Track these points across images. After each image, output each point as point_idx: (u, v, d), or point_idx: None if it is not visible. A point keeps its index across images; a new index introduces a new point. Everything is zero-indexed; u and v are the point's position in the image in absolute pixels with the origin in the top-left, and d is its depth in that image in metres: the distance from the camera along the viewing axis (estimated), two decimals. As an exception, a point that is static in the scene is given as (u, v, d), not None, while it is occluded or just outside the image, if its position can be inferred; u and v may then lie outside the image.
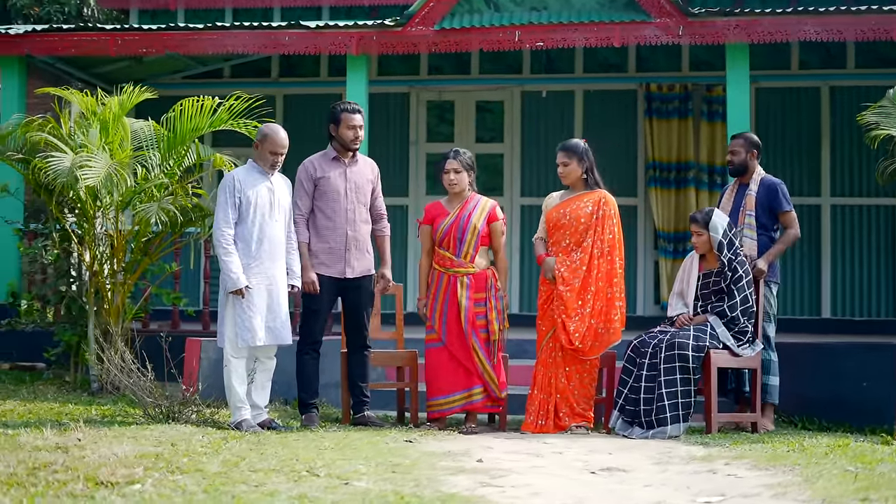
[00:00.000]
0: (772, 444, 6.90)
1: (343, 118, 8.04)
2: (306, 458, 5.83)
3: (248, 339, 7.49)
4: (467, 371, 7.98)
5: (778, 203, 8.47)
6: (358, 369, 8.17)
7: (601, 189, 8.13)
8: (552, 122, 12.87)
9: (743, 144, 8.57)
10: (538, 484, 5.31)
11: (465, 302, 7.97)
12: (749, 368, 8.08)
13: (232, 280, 7.44)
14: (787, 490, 5.13)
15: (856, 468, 5.72)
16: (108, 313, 9.17)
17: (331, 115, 8.11)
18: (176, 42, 10.77)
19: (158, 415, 7.62)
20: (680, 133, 12.59)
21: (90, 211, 9.04)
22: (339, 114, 8.08)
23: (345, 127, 8.03)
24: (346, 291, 8.10)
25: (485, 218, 8.10)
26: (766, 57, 12.40)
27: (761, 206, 8.41)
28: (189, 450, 6.04)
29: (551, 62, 12.95)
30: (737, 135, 8.76)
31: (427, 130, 13.21)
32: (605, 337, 7.93)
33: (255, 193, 7.57)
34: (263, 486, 4.87)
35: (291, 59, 13.21)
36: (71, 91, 9.23)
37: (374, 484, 5.08)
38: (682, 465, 6.12)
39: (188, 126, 9.05)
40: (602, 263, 7.96)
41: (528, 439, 7.43)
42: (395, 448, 6.52)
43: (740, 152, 8.55)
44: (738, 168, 8.56)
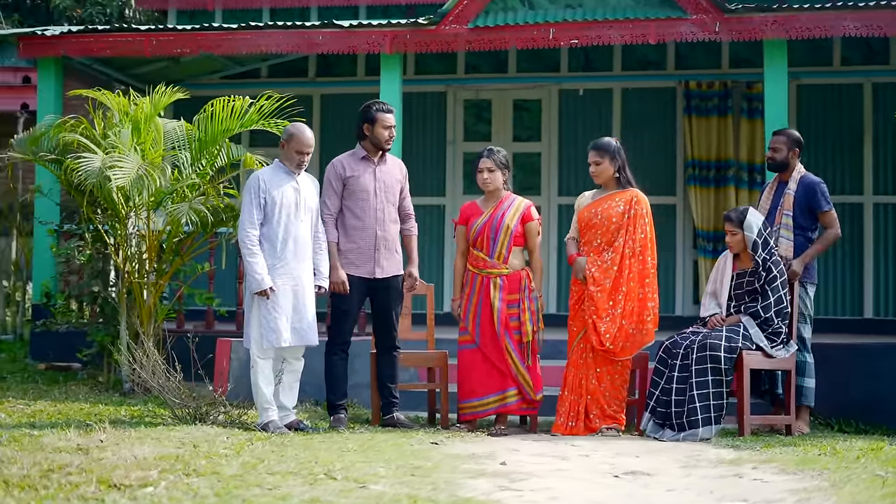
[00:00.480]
0: (803, 448, 6.77)
1: (378, 118, 7.97)
2: (326, 460, 5.78)
3: (273, 340, 7.45)
4: (501, 373, 7.90)
5: (817, 203, 8.32)
6: (387, 370, 8.11)
7: (633, 188, 8.02)
8: (590, 121, 12.75)
9: (785, 142, 8.43)
10: (558, 488, 5.23)
11: (497, 303, 7.89)
12: (783, 370, 7.94)
13: (256, 281, 7.41)
14: (812, 496, 5.02)
15: (886, 473, 5.59)
16: (140, 314, 9.19)
17: (364, 115, 8.04)
18: (210, 42, 10.76)
19: (186, 416, 7.61)
20: (719, 131, 12.41)
21: (122, 211, 9.05)
22: (374, 113, 8.01)
23: (380, 127, 7.97)
24: (376, 292, 8.05)
25: (518, 218, 8.00)
26: (807, 53, 12.23)
27: (799, 205, 8.26)
28: (210, 452, 6.01)
29: (589, 60, 12.83)
30: (778, 131, 8.62)
31: (464, 129, 13.12)
32: (638, 338, 7.83)
33: (280, 193, 7.53)
34: (277, 490, 4.83)
35: (328, 59, 13.19)
36: (103, 92, 9.24)
37: (391, 487, 5.03)
38: (709, 468, 6.02)
39: (219, 126, 9.05)
40: (634, 263, 7.86)
41: (555, 442, 7.35)
42: (418, 450, 6.46)
43: (782, 149, 8.42)
44: (779, 165, 8.43)
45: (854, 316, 12.19)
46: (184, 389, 7.71)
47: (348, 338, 8.00)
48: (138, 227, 9.19)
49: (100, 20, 16.67)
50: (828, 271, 12.22)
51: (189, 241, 9.48)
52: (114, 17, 16.60)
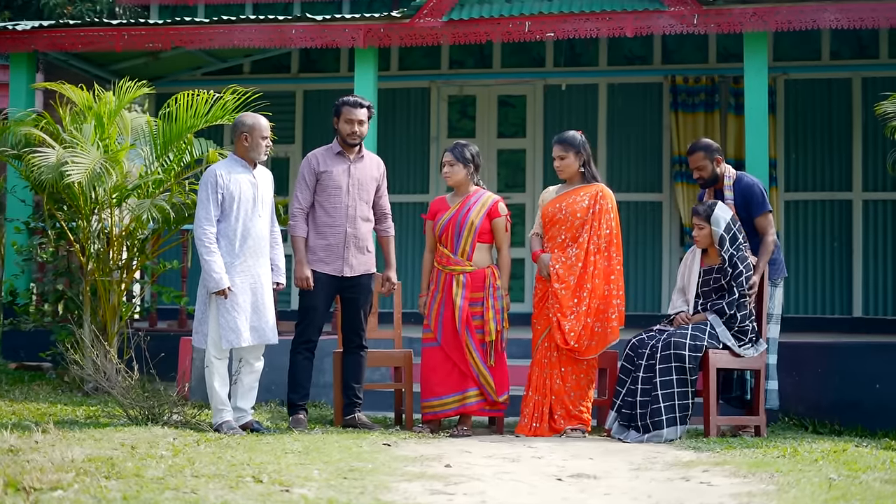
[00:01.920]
0: (763, 450, 6.57)
1: (343, 111, 7.79)
2: (261, 462, 5.61)
3: (232, 340, 7.25)
4: (462, 373, 7.69)
5: (755, 207, 7.87)
6: (352, 370, 7.92)
7: (598, 182, 7.83)
8: (576, 117, 12.53)
9: (704, 156, 7.93)
10: (490, 492, 5.04)
11: (459, 301, 7.69)
12: (751, 370, 7.73)
13: (214, 280, 7.20)
14: (753, 500, 4.83)
15: (839, 476, 5.40)
16: (104, 313, 9.03)
17: (334, 109, 7.88)
18: (182, 37, 10.59)
19: (140, 416, 7.46)
20: (707, 127, 12.19)
21: (84, 208, 8.90)
22: (339, 107, 7.84)
23: (343, 120, 7.79)
24: (344, 290, 7.86)
25: (484, 214, 7.78)
26: (795, 48, 12.05)
27: (740, 214, 7.82)
28: (147, 453, 5.84)
29: (575, 55, 12.62)
30: (692, 148, 8.07)
31: (448, 126, 12.92)
32: (603, 336, 7.64)
33: (238, 188, 7.33)
34: (193, 494, 4.65)
35: (311, 55, 13.03)
36: (67, 86, 9.09)
37: (317, 491, 4.85)
38: (660, 471, 5.82)
39: (183, 121, 8.88)
40: (599, 259, 7.67)
41: (514, 443, 7.16)
42: (365, 452, 6.28)
43: (706, 166, 7.92)
44: (711, 180, 7.99)
45: (843, 315, 11.95)
46: (137, 389, 7.55)
47: (314, 336, 7.81)
48: (102, 224, 9.03)
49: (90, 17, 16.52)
50: (816, 270, 12.01)
51: (154, 238, 9.32)
52: (103, 14, 16.45)
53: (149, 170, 9.08)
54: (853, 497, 4.81)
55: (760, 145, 9.79)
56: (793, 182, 12.19)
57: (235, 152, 7.48)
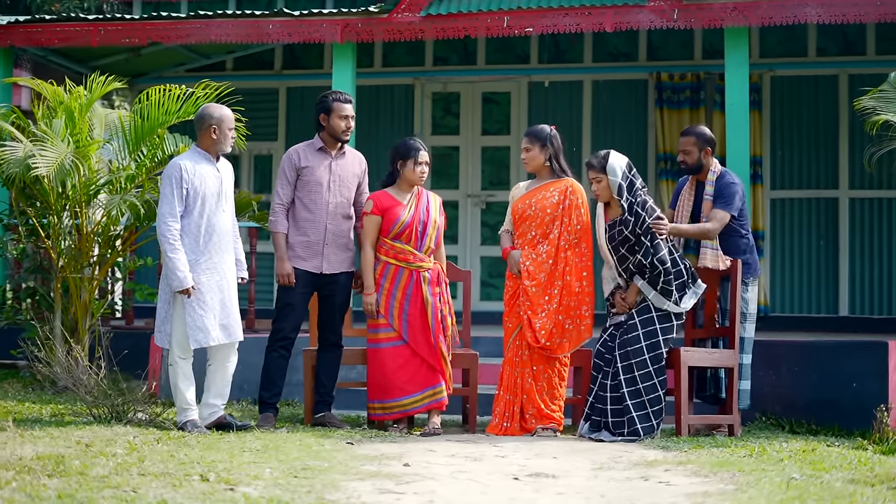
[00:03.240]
0: (731, 449, 6.46)
1: (335, 107, 7.70)
2: (213, 461, 5.51)
3: (201, 339, 7.09)
4: (430, 369, 7.60)
5: (721, 200, 7.70)
6: (326, 368, 7.82)
7: (568, 177, 7.72)
8: (560, 114, 12.40)
9: (695, 142, 7.83)
10: (441, 491, 4.94)
11: (430, 298, 7.60)
12: (724, 367, 7.61)
13: (178, 279, 7.02)
14: (707, 499, 4.72)
15: (801, 476, 5.29)
16: (75, 310, 8.94)
17: (321, 105, 7.76)
18: (159, 32, 10.47)
19: (105, 414, 7.36)
20: (692, 124, 12.05)
21: (55, 204, 8.81)
22: (330, 103, 7.73)
23: (336, 117, 7.69)
24: (322, 287, 7.75)
25: (439, 212, 7.81)
26: (781, 44, 11.92)
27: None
28: (101, 451, 5.75)
29: (560, 52, 12.51)
30: (687, 130, 8.01)
31: (432, 123, 12.81)
32: (575, 334, 7.52)
33: (202, 183, 7.17)
34: (133, 492, 4.55)
35: (295, 51, 12.93)
36: (36, 80, 9.00)
37: (263, 490, 4.75)
38: (622, 470, 5.72)
39: (156, 117, 8.79)
40: (571, 256, 7.55)
41: (481, 442, 7.04)
42: (324, 451, 6.18)
43: (692, 151, 7.82)
44: (692, 168, 7.84)
45: (829, 314, 11.83)
46: (102, 387, 7.45)
47: (290, 334, 7.69)
48: (73, 221, 8.94)
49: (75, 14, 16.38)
50: (802, 268, 11.88)
51: (127, 234, 9.22)
52: (90, 11, 16.33)
53: (121, 165, 8.98)
54: (810, 497, 4.70)
55: (741, 141, 9.65)
56: (779, 180, 12.06)
57: (199, 145, 7.32)
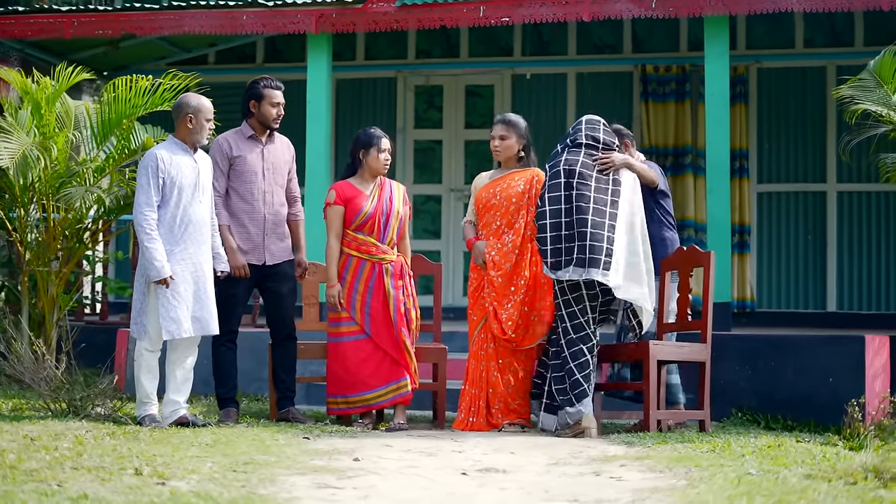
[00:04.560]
0: (695, 444, 6.30)
1: (266, 94, 7.58)
2: (155, 455, 5.37)
3: (173, 330, 6.95)
4: (393, 362, 7.43)
5: None
6: (283, 361, 7.67)
7: (534, 167, 7.58)
8: (544, 107, 12.27)
9: None
10: (381, 486, 4.79)
11: (393, 291, 7.44)
12: (696, 361, 7.44)
13: (156, 268, 6.88)
14: (653, 495, 4.56)
15: (758, 471, 5.13)
16: (42, 304, 8.80)
17: (251, 91, 7.65)
18: (132, 23, 10.33)
19: (62, 409, 7.24)
20: (677, 116, 11.90)
21: (21, 196, 8.67)
22: (261, 90, 7.61)
23: (267, 104, 7.57)
24: (265, 279, 7.61)
25: (403, 202, 7.66)
26: (768, 35, 11.75)
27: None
28: (44, 445, 5.61)
29: (543, 44, 12.35)
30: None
31: (415, 116, 12.66)
32: (539, 327, 7.36)
33: (179, 173, 7.03)
34: (57, 486, 4.40)
35: (277, 44, 12.79)
36: (3, 68, 8.87)
37: (196, 484, 4.61)
38: (576, 466, 5.56)
39: (124, 107, 8.65)
40: (536, 246, 7.39)
41: (442, 437, 6.88)
42: (275, 445, 6.03)
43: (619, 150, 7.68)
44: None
45: (817, 309, 11.65)
46: (57, 382, 7.32)
47: (235, 327, 7.56)
48: (39, 213, 8.81)
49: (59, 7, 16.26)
50: (789, 263, 11.71)
51: (96, 227, 9.08)
52: (76, 3, 16.21)
53: (88, 157, 8.85)
54: (760, 492, 4.54)
55: (721, 133, 9.45)
56: (766, 173, 11.88)
57: (176, 135, 7.20)
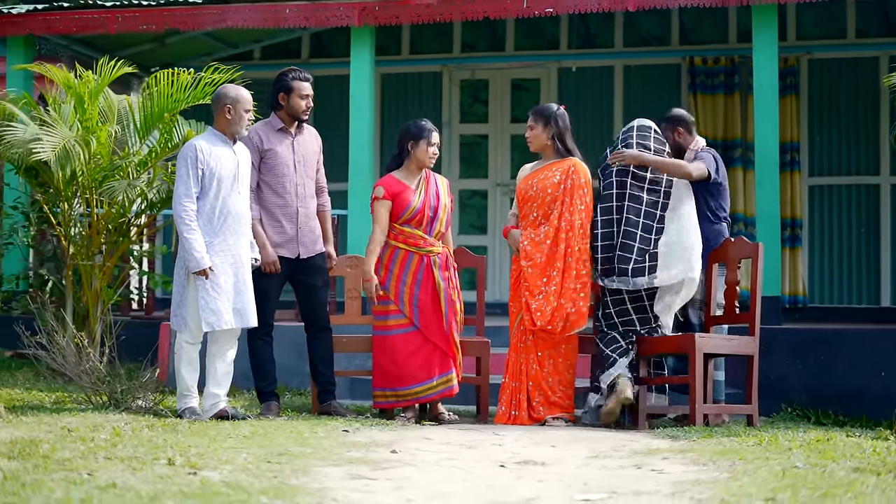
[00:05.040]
0: (741, 439, 6.15)
1: (296, 87, 7.50)
2: (190, 446, 5.31)
3: (213, 322, 6.89)
4: (443, 355, 7.36)
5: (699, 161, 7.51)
6: (319, 354, 7.61)
7: (573, 157, 7.45)
8: (591, 100, 12.13)
9: (666, 127, 7.68)
10: (416, 478, 4.70)
11: (442, 283, 7.37)
12: (744, 355, 7.28)
13: (196, 260, 6.84)
14: (693, 487, 4.44)
15: (805, 464, 4.98)
16: (86, 298, 8.80)
17: (280, 84, 7.56)
18: (176, 18, 10.34)
19: (103, 401, 7.23)
20: (726, 109, 11.72)
21: (65, 190, 8.67)
22: (290, 82, 7.53)
23: (297, 96, 7.50)
24: (299, 272, 7.54)
25: (448, 195, 7.59)
26: (818, 25, 11.54)
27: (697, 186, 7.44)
28: (81, 436, 5.58)
29: (590, 37, 12.22)
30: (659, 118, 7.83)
31: (460, 110, 12.57)
32: (576, 318, 7.22)
33: (218, 164, 6.99)
34: (87, 475, 4.36)
35: (322, 39, 12.75)
36: (46, 65, 8.88)
37: (228, 474, 4.54)
38: (617, 459, 5.45)
39: (165, 101, 8.63)
40: (573, 238, 7.27)
41: (484, 431, 6.79)
42: (313, 438, 5.96)
43: (668, 137, 7.63)
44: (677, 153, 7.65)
45: (871, 304, 11.41)
46: (99, 374, 7.31)
47: (271, 321, 7.48)
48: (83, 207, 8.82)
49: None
50: (842, 257, 11.50)
51: (138, 221, 9.07)
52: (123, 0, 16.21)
53: (131, 151, 8.84)
54: (806, 484, 4.40)
55: (770, 125, 9.26)
56: (817, 166, 11.68)
57: (215, 126, 7.16)
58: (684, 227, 7.15)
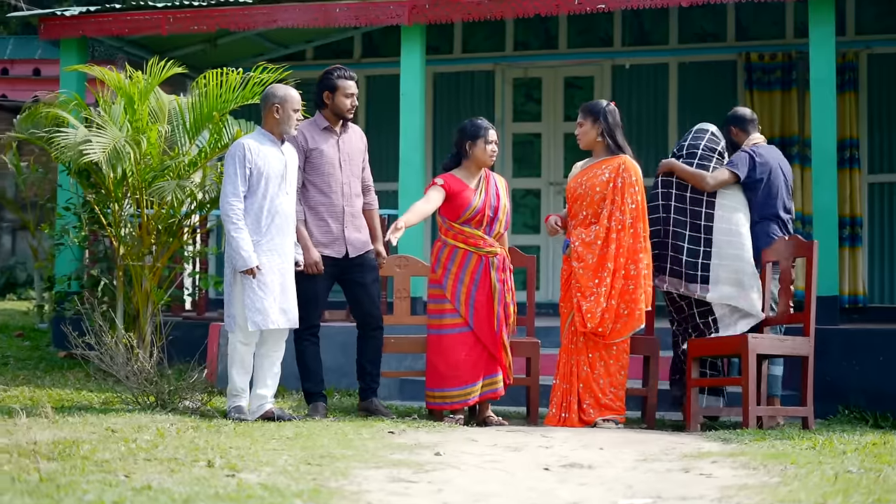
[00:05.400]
0: (795, 442, 6.00)
1: (340, 85, 7.42)
2: (231, 448, 5.27)
3: (259, 321, 6.86)
4: (490, 357, 7.27)
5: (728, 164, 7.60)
6: (368, 353, 7.54)
7: (623, 154, 7.32)
8: (645, 98, 11.98)
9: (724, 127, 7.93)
10: (458, 481, 4.62)
11: (499, 286, 7.27)
12: (798, 356, 7.12)
13: (243, 258, 6.83)
14: (742, 492, 4.32)
15: (859, 469, 4.84)
16: (137, 299, 8.81)
17: (325, 82, 7.48)
18: (227, 18, 10.33)
19: (151, 402, 7.22)
20: (783, 106, 11.50)
21: (115, 191, 8.69)
22: (335, 81, 7.45)
23: (342, 95, 7.42)
24: (347, 271, 7.47)
25: (508, 196, 7.47)
26: (879, 20, 11.30)
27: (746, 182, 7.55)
28: (123, 437, 5.56)
29: (644, 34, 12.05)
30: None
31: (513, 109, 12.46)
32: (629, 320, 7.11)
33: (266, 164, 6.97)
34: (124, 477, 4.32)
35: (374, 39, 12.71)
36: (96, 67, 8.90)
37: (266, 476, 4.49)
38: (667, 462, 5.32)
39: (215, 101, 8.61)
40: (623, 237, 7.15)
41: (533, 433, 6.68)
42: (357, 439, 5.89)
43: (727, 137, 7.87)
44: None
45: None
46: (146, 375, 7.29)
47: (317, 321, 7.42)
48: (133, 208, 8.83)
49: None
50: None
51: (188, 221, 9.07)
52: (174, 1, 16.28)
53: (182, 151, 8.83)
54: (858, 490, 4.27)
55: (827, 120, 9.00)
56: (877, 163, 11.42)
57: (264, 126, 7.14)
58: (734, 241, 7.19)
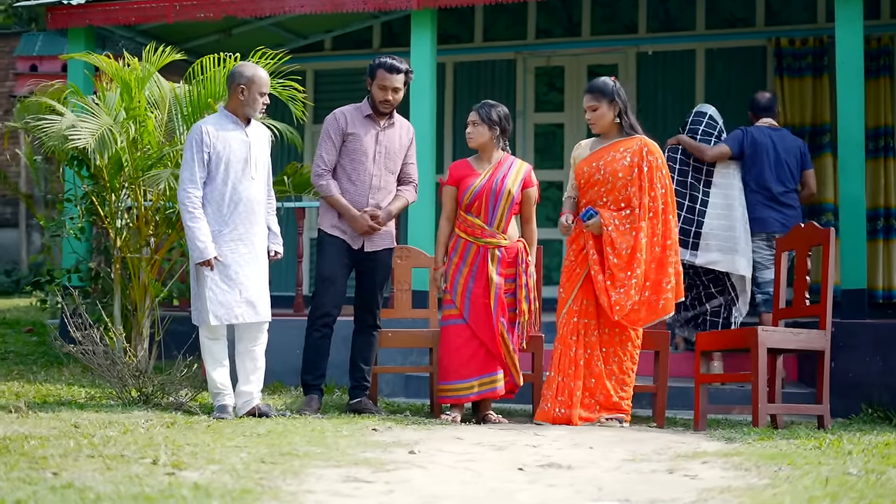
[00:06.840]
0: (800, 441, 5.60)
1: (378, 75, 7.00)
2: (186, 444, 4.96)
3: (221, 315, 6.50)
4: (488, 354, 6.89)
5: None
6: (362, 351, 7.20)
7: (639, 135, 6.88)
8: (671, 85, 11.55)
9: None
10: (417, 481, 4.27)
11: (495, 277, 6.86)
12: (813, 350, 6.70)
13: (199, 250, 6.45)
14: (718, 496, 3.93)
15: (860, 471, 4.43)
16: (133, 292, 8.55)
17: (369, 69, 7.10)
18: (234, 5, 10.06)
19: (132, 398, 6.96)
20: (815, 92, 11.04)
21: (112, 181, 8.44)
22: (375, 69, 7.03)
23: (377, 86, 7.01)
24: (361, 264, 7.13)
25: (520, 183, 6.97)
26: (914, 2, 10.83)
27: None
28: (84, 433, 5.28)
29: (670, 20, 11.63)
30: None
31: (535, 99, 12.08)
32: (656, 308, 6.65)
33: (226, 147, 6.58)
34: (52, 475, 4.02)
35: (394, 29, 12.40)
36: (93, 54, 8.67)
37: (211, 475, 4.17)
38: (655, 463, 4.94)
39: (210, 88, 8.34)
40: (656, 223, 6.70)
41: (523, 431, 6.31)
42: (332, 437, 5.56)
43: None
44: None
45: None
46: (130, 370, 7.03)
47: (331, 310, 7.03)
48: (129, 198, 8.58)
49: None
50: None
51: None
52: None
53: (180, 139, 8.56)
54: (849, 494, 3.87)
55: (855, 105, 8.56)
56: (913, 152, 10.93)
57: (227, 107, 6.75)
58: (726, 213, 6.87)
